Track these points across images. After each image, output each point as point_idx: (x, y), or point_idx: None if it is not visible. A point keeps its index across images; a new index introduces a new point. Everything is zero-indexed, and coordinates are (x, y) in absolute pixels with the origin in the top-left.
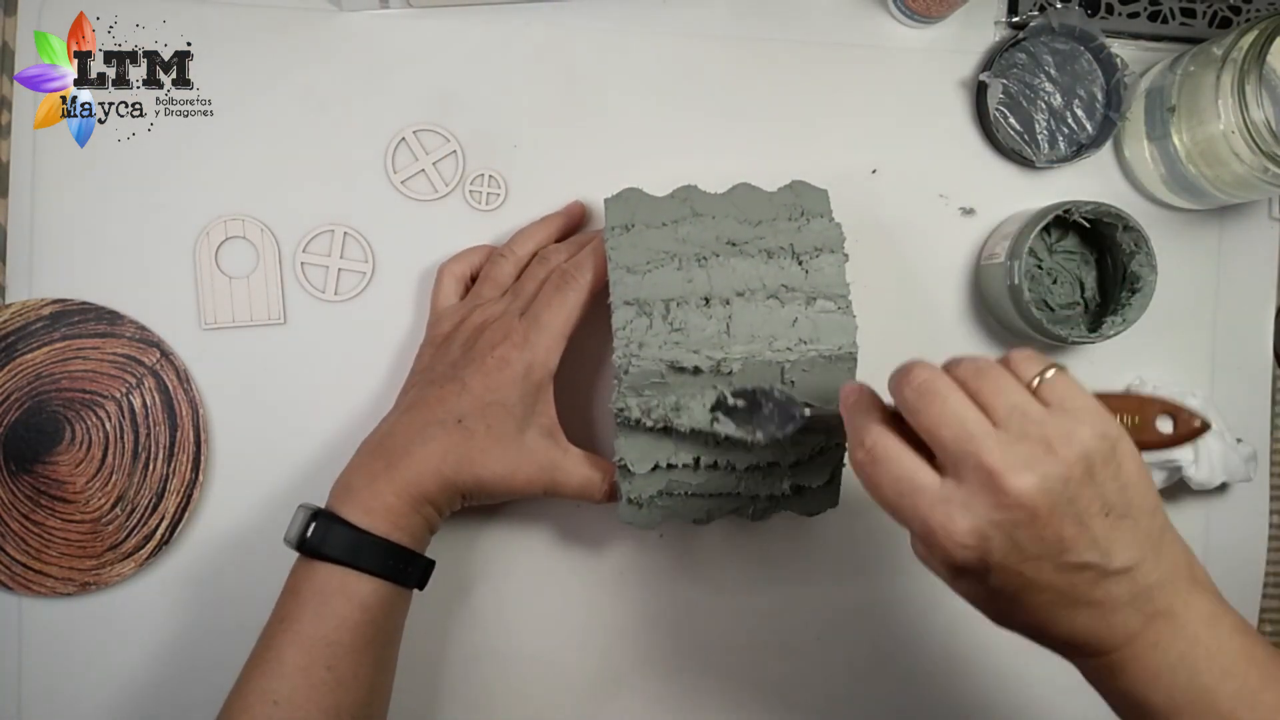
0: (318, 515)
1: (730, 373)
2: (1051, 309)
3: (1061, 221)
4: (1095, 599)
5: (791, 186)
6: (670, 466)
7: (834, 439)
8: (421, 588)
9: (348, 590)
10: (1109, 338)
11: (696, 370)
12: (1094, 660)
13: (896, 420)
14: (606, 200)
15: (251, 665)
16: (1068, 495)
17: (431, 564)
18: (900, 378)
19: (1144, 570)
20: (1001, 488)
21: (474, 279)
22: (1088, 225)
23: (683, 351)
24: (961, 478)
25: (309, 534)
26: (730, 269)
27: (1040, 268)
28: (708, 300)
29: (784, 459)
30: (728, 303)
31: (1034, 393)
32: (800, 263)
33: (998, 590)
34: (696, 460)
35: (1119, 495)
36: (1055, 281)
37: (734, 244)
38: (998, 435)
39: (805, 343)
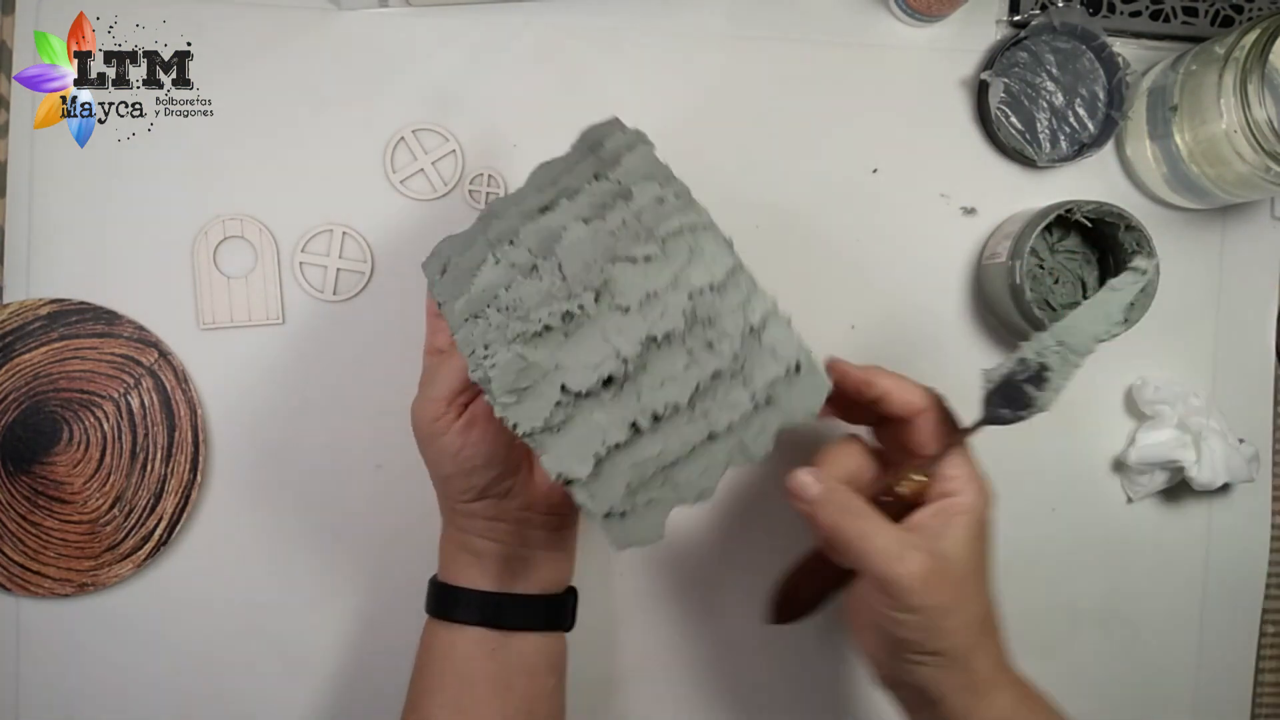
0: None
1: (614, 294)
2: (1053, 309)
3: (1063, 221)
4: None
5: (581, 136)
6: (617, 447)
7: None
8: (468, 621)
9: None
10: (1111, 338)
11: (548, 329)
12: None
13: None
14: (423, 264)
15: None
16: None
17: (476, 595)
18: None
19: None
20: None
21: None
22: (1089, 225)
23: (526, 323)
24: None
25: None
26: (539, 228)
27: (1042, 267)
28: (534, 267)
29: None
30: (549, 255)
31: None
32: (606, 179)
33: None
34: (634, 425)
35: None
36: (1057, 281)
37: (542, 209)
38: None
39: (649, 233)
